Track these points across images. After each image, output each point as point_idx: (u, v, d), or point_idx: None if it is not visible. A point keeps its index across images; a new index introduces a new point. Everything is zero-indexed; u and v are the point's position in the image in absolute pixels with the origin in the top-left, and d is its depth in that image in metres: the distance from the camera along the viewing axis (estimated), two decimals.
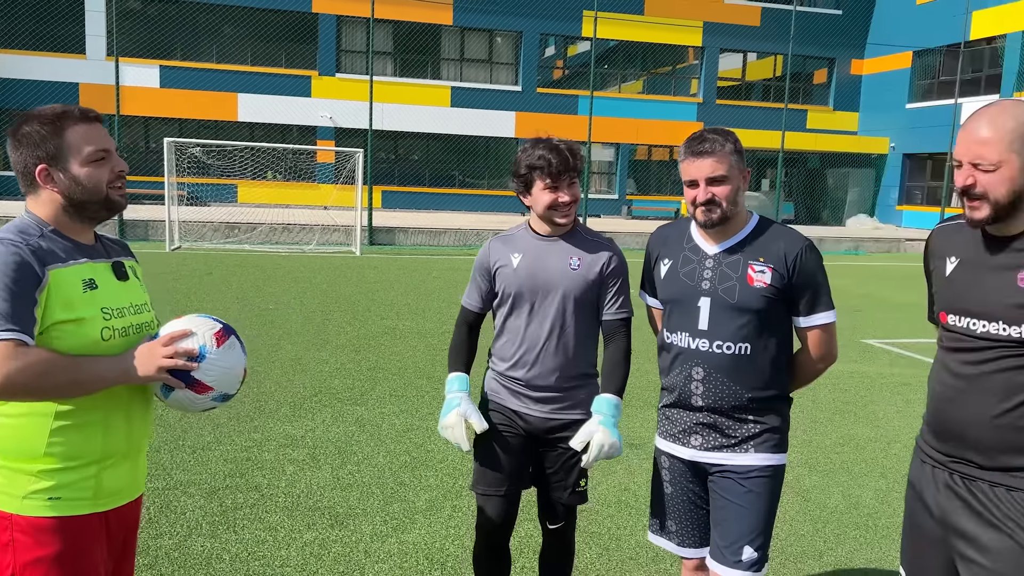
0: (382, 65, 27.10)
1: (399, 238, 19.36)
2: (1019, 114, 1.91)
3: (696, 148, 2.38)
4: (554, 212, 2.66)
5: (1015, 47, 25.24)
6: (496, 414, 2.80)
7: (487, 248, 2.84)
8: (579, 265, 2.70)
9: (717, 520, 2.49)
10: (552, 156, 2.61)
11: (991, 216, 1.95)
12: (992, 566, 1.96)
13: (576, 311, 2.70)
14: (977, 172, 1.93)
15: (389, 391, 6.33)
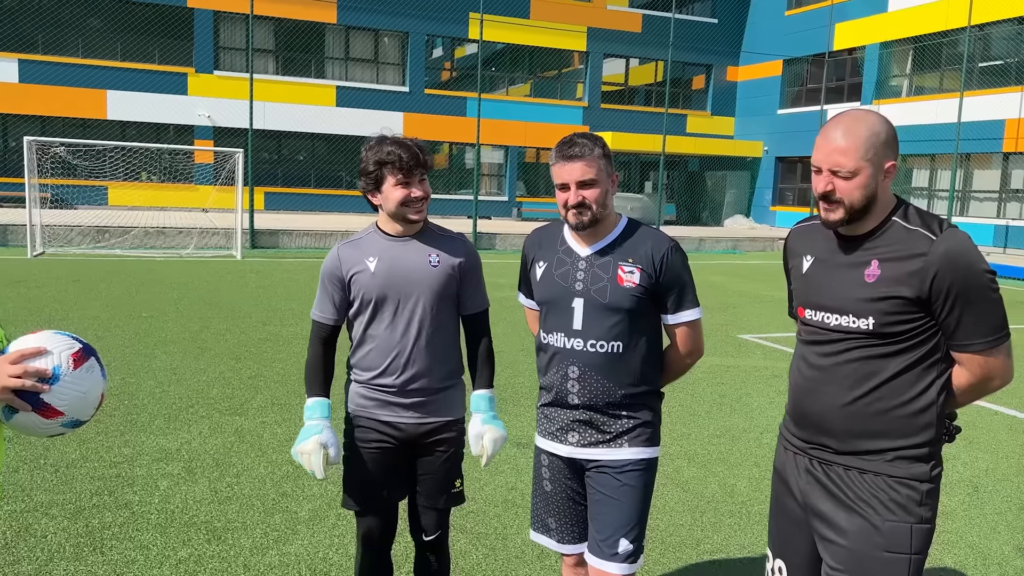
0: (263, 63, 26.31)
1: (283, 241, 18.84)
2: (872, 124, 2.03)
3: (566, 152, 2.42)
4: (407, 208, 2.61)
5: (873, 58, 27.01)
6: (365, 430, 2.71)
7: (335, 255, 2.71)
8: (438, 261, 2.68)
9: (594, 515, 2.55)
10: (402, 151, 2.58)
11: (845, 218, 2.07)
12: (847, 544, 2.09)
13: (440, 308, 2.68)
14: (836, 179, 2.05)
15: (271, 400, 6.15)
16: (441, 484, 2.76)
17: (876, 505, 2.06)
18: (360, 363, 2.72)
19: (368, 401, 2.72)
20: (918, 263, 1.99)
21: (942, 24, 24.39)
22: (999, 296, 2.03)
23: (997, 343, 2.02)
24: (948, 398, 2.10)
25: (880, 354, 2.06)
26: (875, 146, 2.02)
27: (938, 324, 2.03)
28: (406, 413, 2.69)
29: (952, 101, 22.98)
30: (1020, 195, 22.98)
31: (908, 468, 2.06)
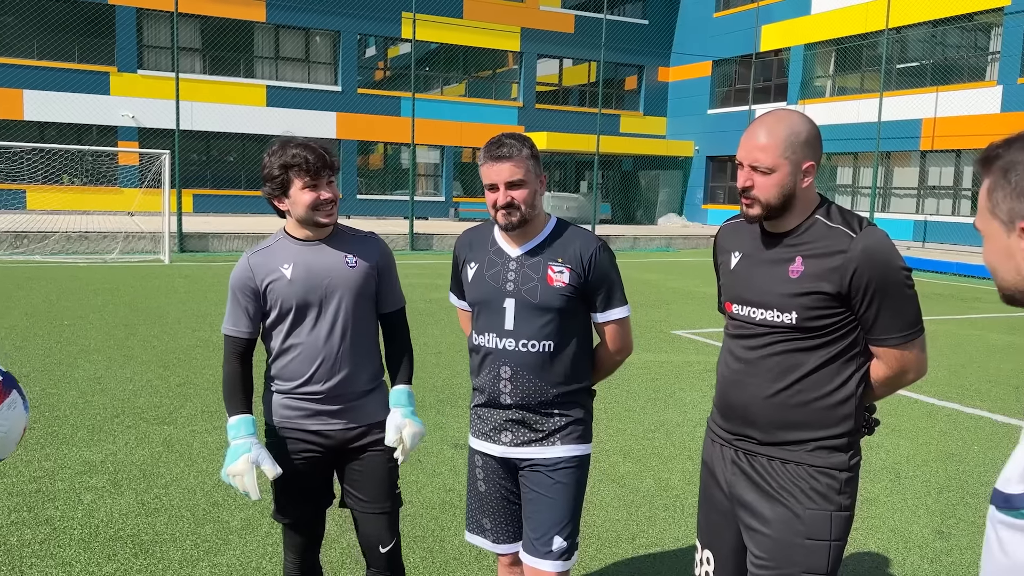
0: (190, 62, 25.66)
1: (213, 244, 18.39)
2: (793, 124, 2.09)
3: (495, 153, 2.42)
4: (317, 212, 2.55)
5: (798, 59, 27.81)
6: (292, 441, 2.64)
7: (246, 265, 2.61)
8: (355, 262, 2.64)
9: (528, 513, 2.56)
10: (308, 154, 2.52)
11: (763, 214, 2.14)
12: (770, 533, 2.14)
13: (361, 309, 2.65)
14: (755, 175, 2.11)
15: (201, 407, 5.99)
16: (385, 487, 2.70)
17: (797, 494, 2.12)
18: (282, 373, 2.64)
19: (293, 411, 2.64)
20: (838, 260, 2.05)
21: (862, 27, 25.26)
22: (914, 292, 2.11)
23: (912, 337, 2.10)
24: (866, 391, 2.18)
25: (802, 348, 2.12)
26: (794, 145, 2.08)
27: (857, 319, 2.10)
28: (334, 420, 2.64)
29: (872, 101, 23.82)
30: (938, 192, 23.97)
31: (828, 458, 2.13)
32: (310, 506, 2.71)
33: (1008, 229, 1.25)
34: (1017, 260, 1.25)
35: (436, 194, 30.14)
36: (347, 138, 27.83)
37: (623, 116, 32.59)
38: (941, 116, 23.07)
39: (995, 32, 22.55)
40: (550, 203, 28.19)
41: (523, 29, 30.23)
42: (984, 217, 1.30)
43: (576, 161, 31.83)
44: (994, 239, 1.28)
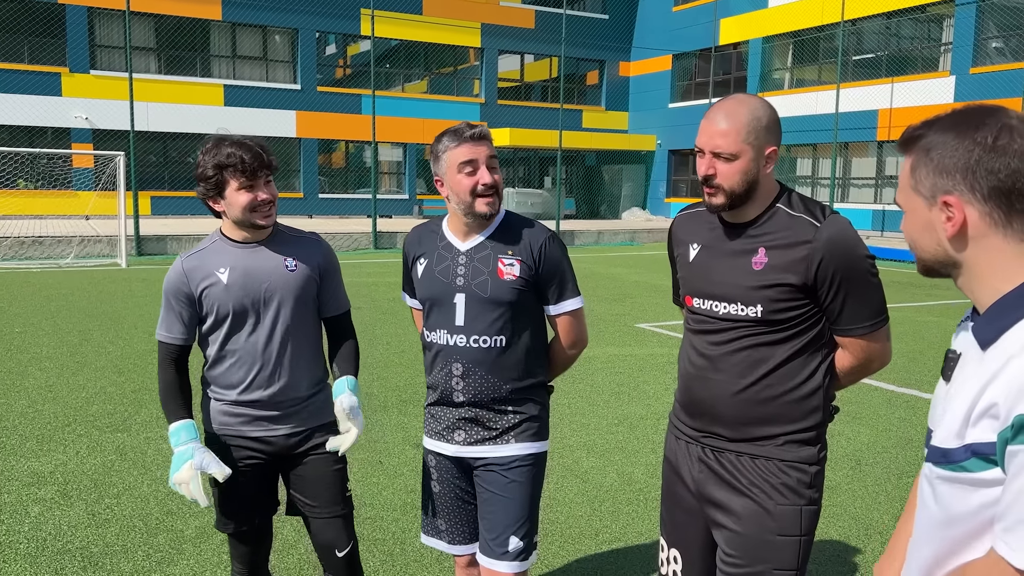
0: (144, 62, 25.16)
1: (172, 247, 18.06)
2: (755, 108, 2.03)
3: (475, 133, 2.35)
4: (254, 214, 2.47)
5: (756, 52, 28.08)
6: (234, 448, 2.56)
7: (180, 270, 2.51)
8: (295, 265, 2.55)
9: (483, 513, 2.50)
10: (244, 153, 2.42)
11: (727, 203, 2.07)
12: (741, 529, 2.10)
13: (303, 313, 2.57)
14: (717, 162, 2.04)
15: (156, 413, 5.84)
16: (336, 490, 2.63)
17: (768, 489, 2.08)
18: (221, 380, 2.55)
19: (233, 419, 2.56)
20: (803, 250, 2.01)
21: (818, 19, 25.57)
22: (879, 281, 2.08)
23: (878, 327, 2.07)
24: (832, 381, 2.15)
25: (768, 341, 2.07)
26: (756, 130, 2.02)
27: (822, 310, 2.06)
28: (277, 426, 2.56)
29: (830, 93, 24.14)
30: (895, 181, 24.34)
31: (797, 452, 2.09)
32: (255, 515, 2.63)
33: (930, 203, 1.32)
34: (937, 232, 1.32)
35: (399, 192, 29.96)
36: (308, 137, 27.53)
37: (585, 111, 32.65)
38: (897, 107, 23.45)
39: (947, 23, 22.97)
40: (514, 199, 28.19)
41: (483, 25, 30.13)
42: (906, 193, 1.36)
43: (539, 157, 31.82)
44: (915, 214, 1.35)
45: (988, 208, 1.25)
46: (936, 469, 1.29)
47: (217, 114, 25.93)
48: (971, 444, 1.23)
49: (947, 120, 1.31)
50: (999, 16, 21.63)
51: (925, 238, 1.34)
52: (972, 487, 1.23)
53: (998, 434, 1.17)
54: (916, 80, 23.06)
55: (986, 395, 1.21)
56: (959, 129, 1.28)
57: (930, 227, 1.32)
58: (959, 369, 1.33)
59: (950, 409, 1.28)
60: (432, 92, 30.64)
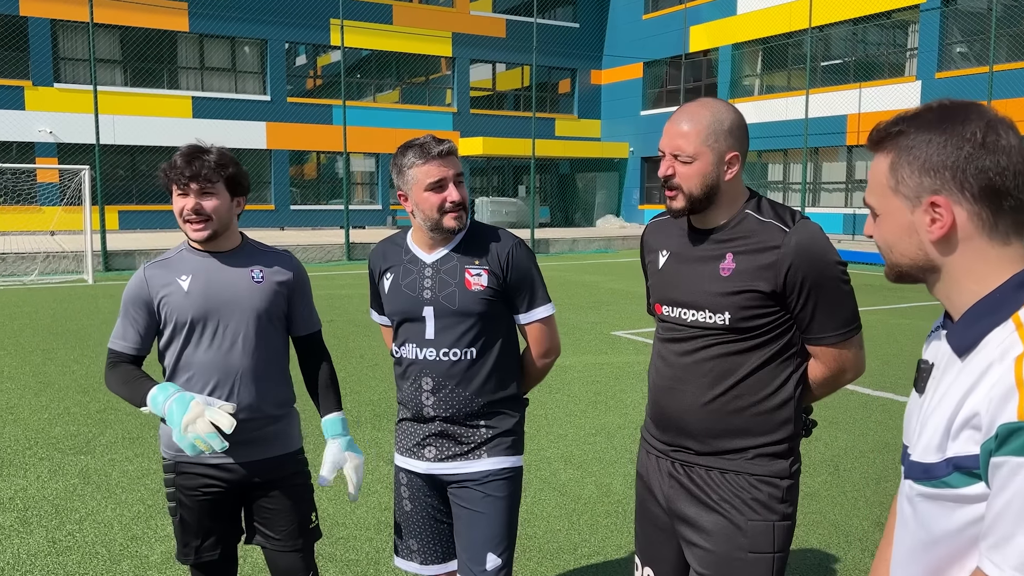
0: (109, 74, 24.81)
1: (140, 261, 17.77)
2: (717, 110, 1.99)
3: (445, 150, 2.30)
4: (185, 224, 2.37)
5: (726, 59, 28.31)
6: (189, 476, 2.44)
7: (141, 277, 2.43)
8: (262, 277, 2.46)
9: (459, 531, 2.42)
10: (180, 159, 2.34)
11: (687, 207, 2.02)
12: (711, 547, 2.03)
13: (267, 329, 2.46)
14: (677, 163, 2.00)
15: (122, 434, 5.68)
16: (296, 523, 2.51)
17: (739, 505, 2.02)
18: None
19: None
20: (772, 256, 1.95)
21: (786, 26, 25.84)
22: (851, 288, 2.02)
23: (850, 335, 2.01)
24: (804, 392, 2.08)
25: (737, 350, 2.01)
26: (716, 133, 1.97)
27: (793, 317, 2.01)
28: (235, 451, 2.41)
29: (799, 98, 24.37)
30: (864, 185, 24.63)
31: (769, 466, 2.02)
32: (217, 545, 2.51)
33: (913, 205, 1.23)
34: (920, 236, 1.24)
35: (372, 202, 29.77)
36: (278, 148, 27.28)
37: (558, 119, 32.71)
38: (865, 111, 23.73)
39: (912, 29, 23.31)
40: (489, 208, 28.13)
41: (454, 34, 30.11)
42: (881, 194, 1.28)
43: (513, 165, 31.81)
44: (893, 216, 1.26)
45: (977, 208, 1.19)
46: (917, 486, 1.22)
47: (185, 126, 25.63)
48: (952, 458, 1.16)
49: (929, 116, 1.23)
50: (962, 22, 22.00)
51: (905, 242, 1.26)
52: (955, 504, 1.16)
53: (981, 446, 1.10)
54: (883, 85, 23.36)
55: (967, 405, 1.14)
56: (944, 125, 1.20)
57: (911, 230, 1.24)
58: (933, 380, 1.26)
59: (930, 422, 1.21)
60: (404, 102, 30.53)
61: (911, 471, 1.24)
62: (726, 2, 28.05)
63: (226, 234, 2.45)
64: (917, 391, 1.31)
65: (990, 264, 1.20)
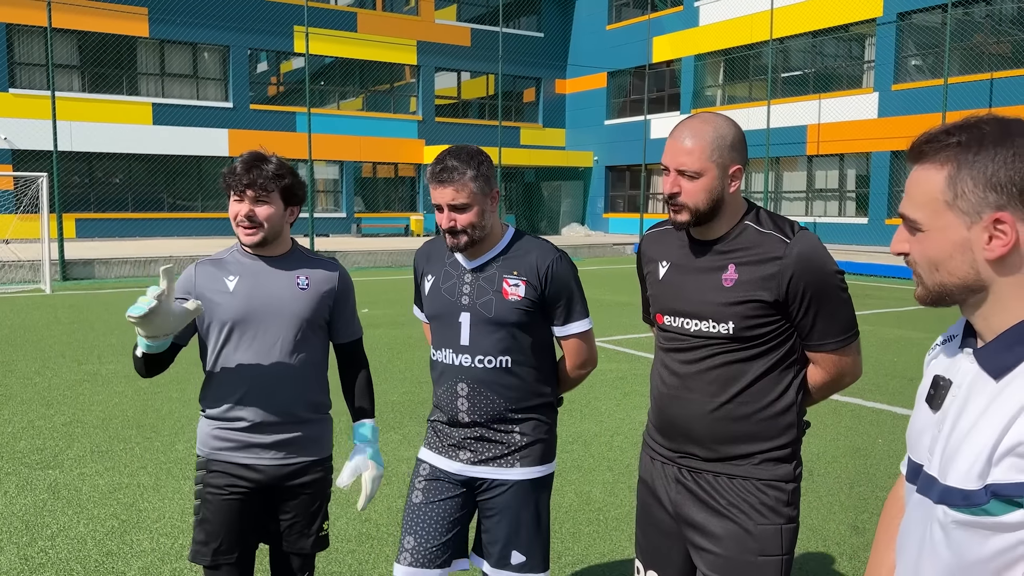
0: (67, 80, 24.32)
1: (100, 270, 17.41)
2: (720, 126, 2.03)
3: (438, 176, 2.32)
4: (238, 228, 2.43)
5: (689, 70, 28.69)
6: (218, 475, 2.45)
7: (192, 273, 2.49)
8: (307, 284, 2.50)
9: (487, 528, 2.47)
10: (241, 166, 2.41)
11: (691, 220, 2.06)
12: (721, 551, 2.07)
13: (309, 335, 2.49)
14: (682, 180, 2.03)
15: (91, 447, 5.56)
16: (307, 528, 2.55)
17: (747, 509, 2.06)
18: (213, 395, 2.46)
19: (221, 442, 2.46)
20: (774, 267, 2.00)
21: (747, 38, 26.28)
22: (848, 296, 2.08)
23: (849, 341, 2.07)
24: (804, 397, 2.14)
25: (741, 358, 2.05)
26: (720, 148, 2.02)
27: (794, 326, 2.05)
28: (267, 453, 2.45)
29: (761, 109, 24.80)
30: (825, 194, 25.12)
31: (774, 470, 2.07)
32: (235, 548, 2.48)
33: (972, 221, 1.18)
34: (975, 254, 1.18)
35: (337, 210, 29.54)
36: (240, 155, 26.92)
37: (523, 128, 32.83)
38: (824, 122, 24.22)
39: (869, 42, 23.87)
40: None
41: (419, 42, 30.08)
42: (933, 209, 1.21)
43: None
44: (946, 232, 1.20)
45: None
46: (953, 512, 1.18)
47: (146, 133, 25.22)
48: (992, 484, 1.13)
49: (991, 129, 1.18)
50: (917, 35, 22.58)
51: (957, 260, 1.19)
52: (990, 531, 1.14)
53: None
54: (842, 96, 23.86)
55: (1012, 432, 1.11)
56: (1011, 140, 1.16)
57: (966, 247, 1.18)
58: (953, 399, 1.23)
59: (965, 447, 1.18)
60: (368, 109, 30.39)
61: (948, 496, 1.19)
62: (688, 14, 28.45)
63: (277, 240, 2.49)
64: (932, 407, 1.28)
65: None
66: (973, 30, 21.26)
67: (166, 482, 4.89)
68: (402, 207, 30.86)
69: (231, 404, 2.43)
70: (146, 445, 5.59)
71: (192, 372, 7.89)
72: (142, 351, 2.32)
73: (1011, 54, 20.34)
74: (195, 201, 26.85)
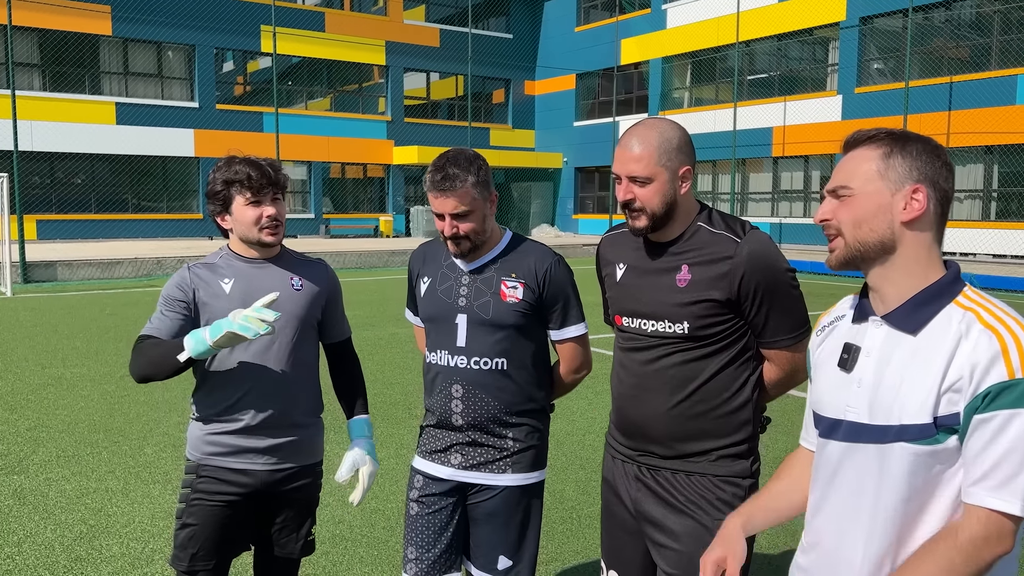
0: (27, 78, 23.85)
1: (62, 273, 17.10)
2: (665, 130, 2.07)
3: (439, 185, 2.31)
4: (261, 231, 2.43)
5: (657, 72, 28.94)
6: (210, 480, 2.43)
7: (186, 275, 2.46)
8: (301, 285, 2.51)
9: (475, 535, 2.47)
10: (251, 169, 2.41)
11: (649, 225, 2.09)
12: (680, 548, 2.10)
13: (303, 335, 2.50)
14: (634, 186, 2.07)
15: (56, 452, 5.47)
16: (296, 533, 2.55)
17: (704, 505, 2.10)
18: (207, 400, 2.44)
19: (214, 447, 2.44)
20: (725, 266, 2.04)
21: (714, 40, 26.57)
22: (800, 293, 2.13)
23: (801, 337, 2.12)
24: (760, 394, 2.18)
25: (696, 357, 2.10)
26: (668, 152, 2.06)
27: (747, 323, 2.10)
28: (261, 458, 2.44)
29: (727, 111, 25.08)
30: (790, 195, 25.47)
31: (731, 466, 2.11)
32: (218, 555, 2.46)
33: (895, 189, 1.46)
34: (892, 215, 1.46)
35: (305, 211, 29.31)
36: (207, 156, 26.63)
37: (492, 129, 32.85)
38: (790, 124, 24.56)
39: (833, 45, 24.26)
40: (424, 218, 28.06)
41: (388, 43, 29.96)
42: (865, 178, 1.48)
43: None
44: (872, 197, 1.48)
45: (938, 208, 1.48)
46: (911, 446, 1.41)
47: (109, 133, 24.82)
48: (938, 417, 1.38)
49: (916, 137, 1.51)
50: (879, 40, 23.01)
51: (879, 218, 1.46)
52: (936, 456, 1.40)
53: (964, 407, 1.35)
54: (806, 99, 24.22)
55: (949, 375, 1.38)
56: (928, 146, 1.50)
57: (886, 209, 1.46)
58: (872, 359, 1.48)
59: (907, 390, 1.42)
60: (336, 110, 30.21)
61: (904, 434, 1.41)
62: (656, 16, 28.69)
63: None
64: (845, 369, 1.53)
65: (931, 257, 1.47)
66: (933, 34, 21.72)
67: (135, 486, 4.83)
68: (371, 208, 30.71)
69: (227, 408, 2.42)
70: (114, 449, 5.52)
71: None
72: (194, 355, 2.25)
73: (969, 58, 20.81)
74: (160, 202, 26.49)
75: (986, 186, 20.40)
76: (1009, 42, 19.93)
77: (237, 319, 2.16)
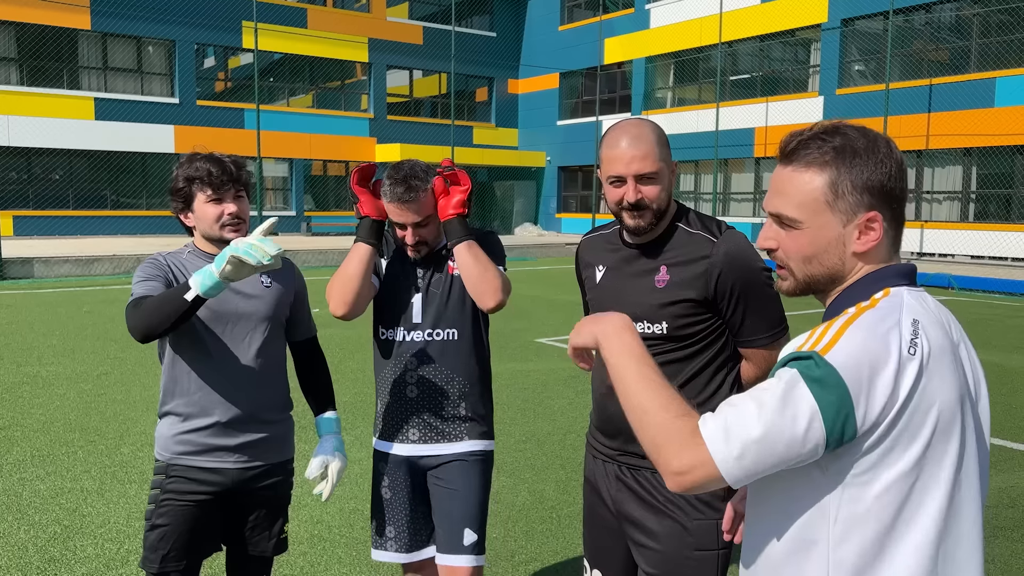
0: (4, 72, 23.54)
1: (39, 270, 16.88)
2: (653, 128, 2.10)
3: (401, 196, 2.42)
4: (223, 228, 2.41)
5: (640, 71, 29.00)
6: (180, 480, 2.40)
7: (159, 258, 2.41)
8: (270, 282, 2.51)
9: (438, 509, 2.55)
10: (212, 166, 2.40)
11: (653, 222, 2.09)
12: (659, 547, 2.10)
13: (272, 333, 2.49)
14: (641, 185, 2.06)
15: (31, 452, 5.39)
16: (268, 531, 2.54)
17: (683, 505, 2.09)
18: (177, 399, 2.40)
19: (184, 446, 2.40)
20: (702, 266, 2.06)
21: (697, 40, 26.66)
22: (776, 292, 2.13)
23: (778, 336, 2.13)
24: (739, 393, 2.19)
25: (676, 358, 2.10)
26: (662, 148, 2.08)
27: (725, 323, 2.11)
28: (232, 457, 2.42)
29: (710, 111, 25.19)
30: None
31: None
32: (187, 557, 2.42)
33: (847, 220, 1.30)
34: (845, 248, 1.31)
35: (286, 208, 29.13)
36: (187, 152, 26.35)
37: (476, 127, 32.80)
38: (772, 125, 24.70)
39: (814, 47, 24.42)
40: None
41: (370, 40, 29.82)
42: (813, 209, 1.31)
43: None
44: (824, 230, 1.32)
45: (893, 226, 1.33)
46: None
47: (87, 128, 24.54)
48: None
49: (854, 135, 1.31)
50: (860, 41, 23.18)
51: (829, 254, 1.32)
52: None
53: None
54: (788, 100, 24.36)
55: None
56: (874, 147, 1.30)
57: (839, 242, 1.31)
58: None
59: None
60: (318, 107, 30.04)
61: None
62: (639, 16, 28.75)
63: None
64: None
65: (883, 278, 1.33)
66: (913, 37, 21.91)
67: (111, 486, 4.77)
68: (353, 206, 30.53)
69: (197, 407, 2.39)
70: (89, 449, 5.44)
71: (136, 373, 7.72)
72: (202, 292, 2.11)
73: (949, 61, 21.01)
74: (139, 199, 26.22)
75: (964, 188, 20.61)
76: (988, 45, 20.15)
77: (240, 245, 2.06)
